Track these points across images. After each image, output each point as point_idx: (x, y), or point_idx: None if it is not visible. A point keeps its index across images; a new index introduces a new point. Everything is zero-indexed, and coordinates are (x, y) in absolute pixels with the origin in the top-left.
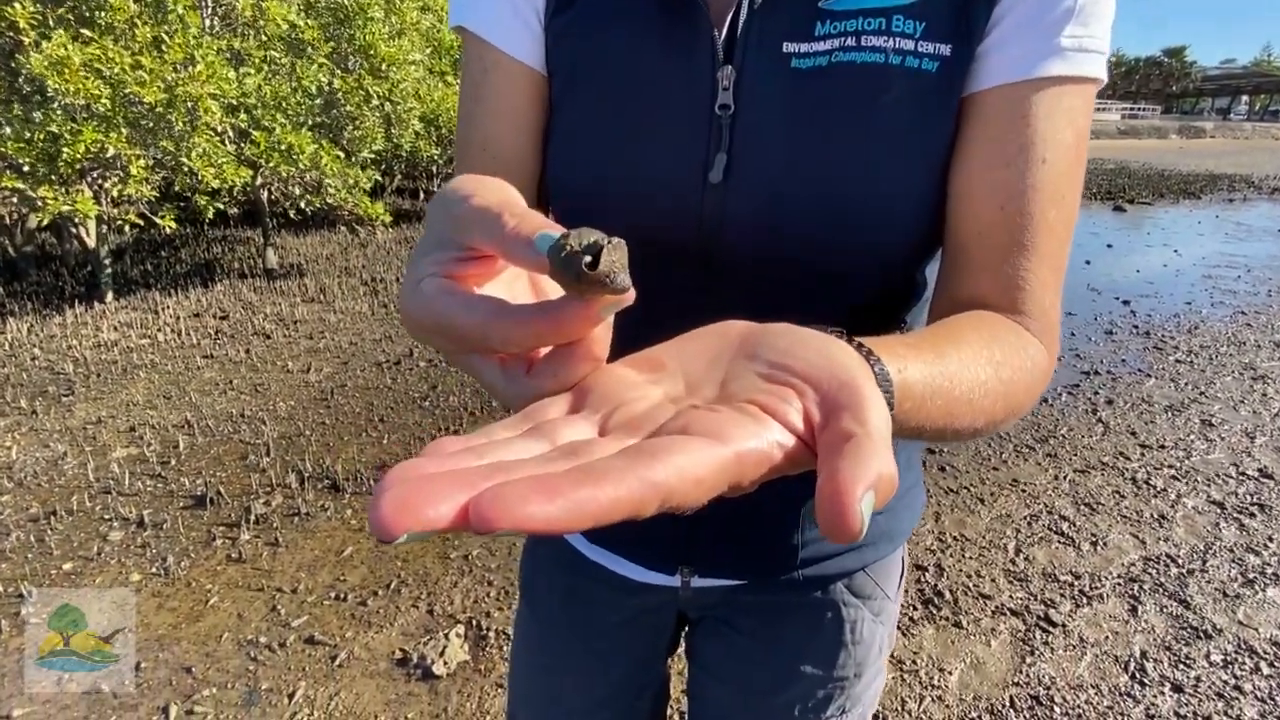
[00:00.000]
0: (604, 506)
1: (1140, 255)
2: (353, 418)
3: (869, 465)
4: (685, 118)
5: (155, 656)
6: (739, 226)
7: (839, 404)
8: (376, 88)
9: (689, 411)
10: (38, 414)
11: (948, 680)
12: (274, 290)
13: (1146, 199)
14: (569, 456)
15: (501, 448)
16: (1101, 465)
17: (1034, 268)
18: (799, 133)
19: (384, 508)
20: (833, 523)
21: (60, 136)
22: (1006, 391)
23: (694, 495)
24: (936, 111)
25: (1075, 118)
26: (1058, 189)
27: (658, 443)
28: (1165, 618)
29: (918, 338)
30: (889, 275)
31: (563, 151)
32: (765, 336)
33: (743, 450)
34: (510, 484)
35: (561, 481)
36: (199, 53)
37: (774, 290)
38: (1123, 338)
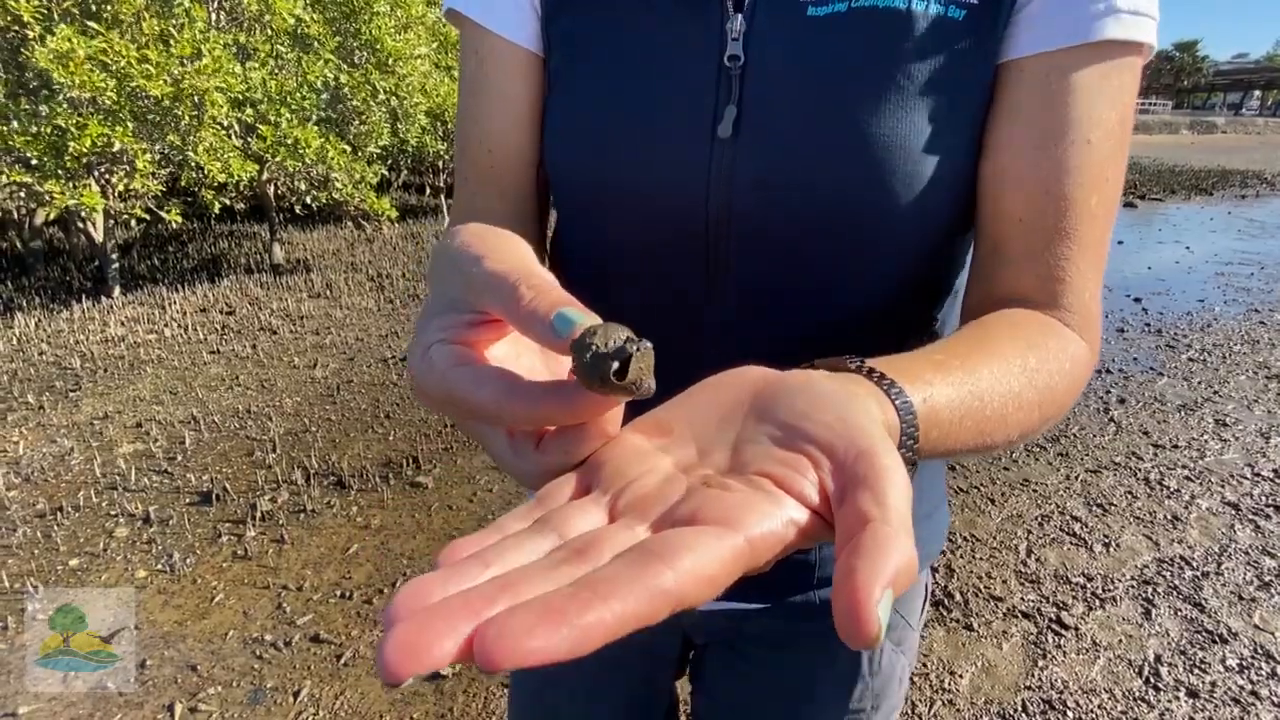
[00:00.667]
0: (611, 626)
1: (1151, 252)
2: (358, 414)
3: (887, 561)
4: (692, 70)
5: (161, 654)
6: (749, 187)
7: (856, 478)
8: (383, 82)
9: (700, 492)
10: (45, 409)
11: (958, 684)
12: (280, 286)
13: (1158, 195)
14: (576, 559)
15: (511, 550)
16: (1114, 465)
17: (1075, 257)
18: (814, 83)
19: (389, 653)
20: (848, 628)
21: (66, 130)
22: (1042, 400)
23: (706, 594)
24: (965, 65)
25: (1122, 96)
26: (1102, 171)
27: (667, 541)
28: (1180, 621)
29: (945, 352)
30: (916, 248)
31: (561, 119)
32: (780, 394)
33: (755, 535)
34: (515, 614)
35: (568, 606)
36: (205, 46)
37: (787, 277)
38: (1134, 335)
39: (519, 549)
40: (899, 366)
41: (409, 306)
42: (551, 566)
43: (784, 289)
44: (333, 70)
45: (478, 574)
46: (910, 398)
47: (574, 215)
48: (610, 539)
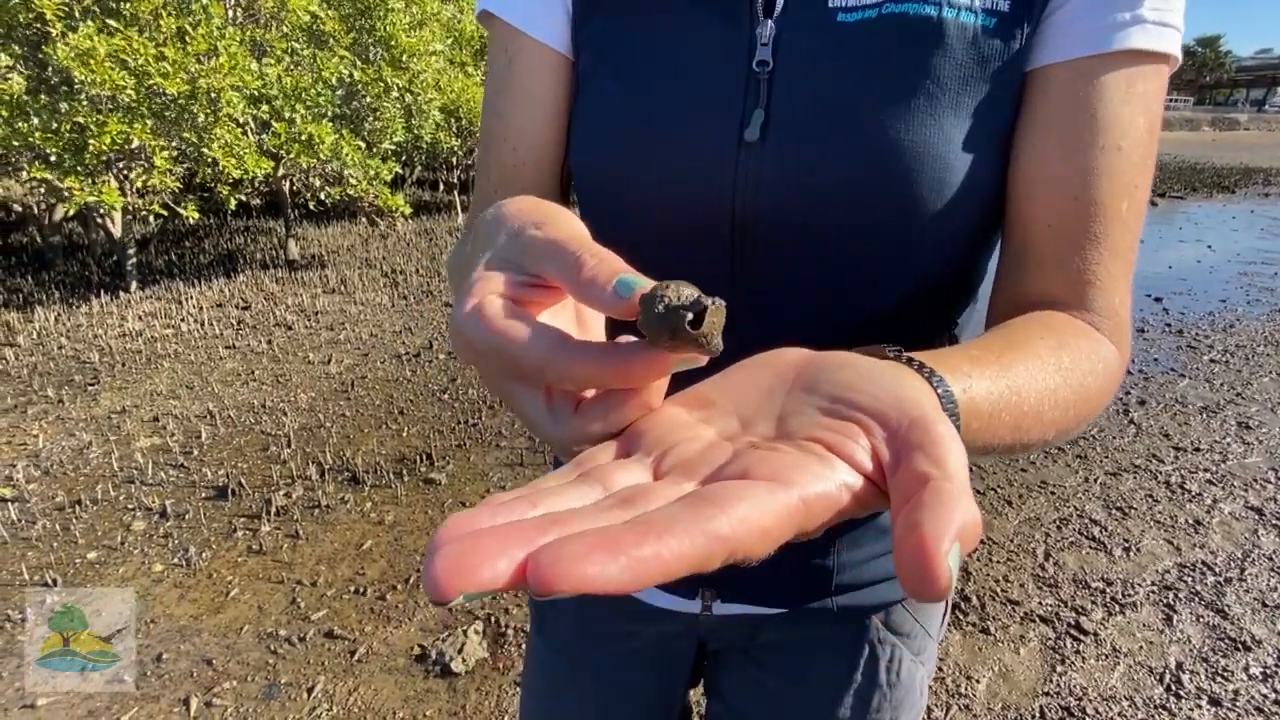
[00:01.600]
0: (668, 563)
1: (1172, 250)
2: (372, 410)
3: (952, 513)
4: (721, 75)
5: (177, 648)
6: (777, 190)
7: (910, 443)
8: (397, 79)
9: (749, 452)
10: (64, 403)
11: (975, 689)
12: (295, 281)
13: (1178, 192)
14: (625, 505)
15: (554, 496)
16: (1134, 468)
17: (1105, 262)
18: (843, 89)
19: (437, 568)
20: (917, 579)
21: (86, 127)
22: (1077, 399)
23: (761, 546)
24: (993, 72)
25: (1149, 103)
26: (1131, 179)
27: (719, 490)
28: (1202, 628)
29: (980, 348)
30: (939, 253)
31: (587, 120)
32: (823, 368)
33: (809, 494)
34: (570, 540)
35: (624, 536)
36: (221, 44)
37: (811, 277)
38: (1154, 336)
39: (564, 495)
40: (938, 359)
41: (423, 302)
42: (601, 510)
43: (808, 288)
44: (347, 67)
45: (525, 511)
46: (951, 387)
47: (597, 214)
48: (658, 491)
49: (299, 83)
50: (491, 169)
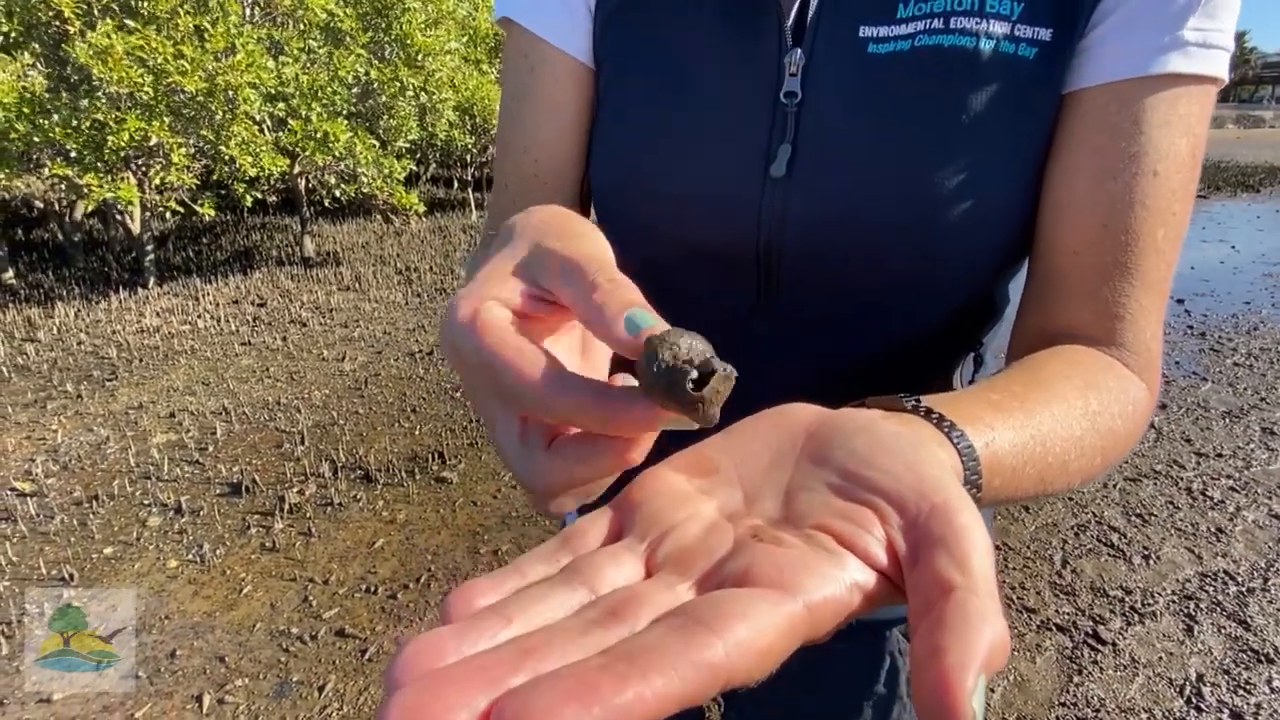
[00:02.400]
0: (651, 706)
1: (1195, 251)
2: (385, 408)
3: (979, 637)
4: (747, 105)
5: (190, 644)
6: (802, 227)
7: (931, 536)
8: (412, 78)
9: (750, 546)
10: (83, 398)
11: (990, 698)
12: (310, 278)
13: (1202, 191)
14: (610, 620)
15: (535, 602)
16: (1154, 474)
17: (1137, 294)
18: (873, 124)
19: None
20: (935, 716)
21: (105, 125)
22: (1104, 445)
23: (759, 668)
24: (1032, 104)
25: (1192, 125)
26: (1169, 205)
27: (715, 606)
28: (1223, 639)
29: (1002, 391)
30: (968, 290)
31: (608, 141)
32: (836, 433)
33: (816, 601)
34: (541, 688)
35: (602, 681)
36: (239, 42)
37: (837, 304)
38: (1176, 338)
39: (543, 602)
40: (957, 407)
41: (436, 300)
42: (582, 629)
43: (833, 317)
44: (363, 65)
45: (496, 630)
46: (973, 442)
47: (616, 231)
48: (649, 599)
49: (315, 81)
50: (510, 179)
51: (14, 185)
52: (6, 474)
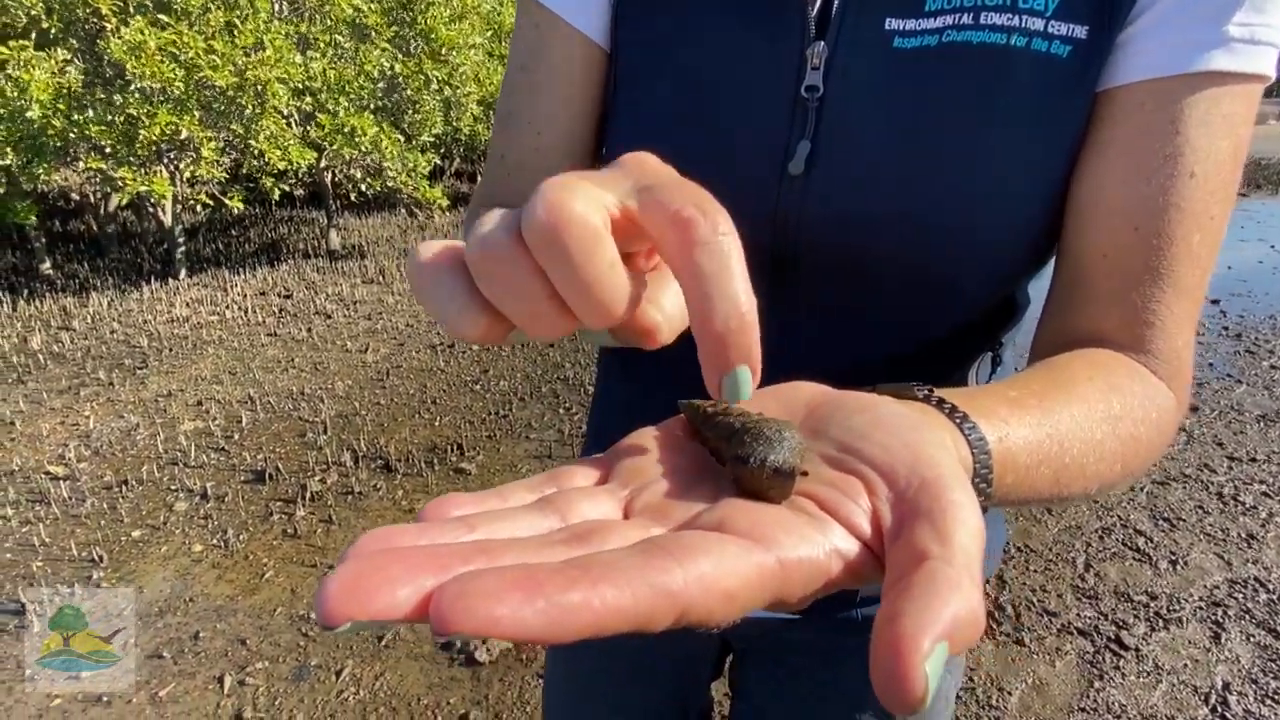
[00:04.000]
0: (600, 614)
1: (1232, 251)
2: (406, 399)
3: (944, 605)
4: (766, 99)
5: (213, 626)
6: (819, 227)
7: (917, 509)
8: (436, 72)
9: (730, 502)
10: (114, 385)
11: (1007, 701)
12: (336, 271)
13: (1241, 189)
14: (575, 542)
15: (504, 520)
16: (1183, 477)
17: (1168, 300)
18: (896, 122)
19: (331, 587)
20: (886, 685)
21: (138, 119)
22: (1125, 452)
23: (721, 611)
24: (1065, 104)
25: (1235, 125)
26: (1206, 208)
27: (683, 539)
28: (1252, 647)
29: (1021, 389)
30: (989, 291)
31: (622, 133)
32: (838, 410)
33: (790, 559)
34: (486, 574)
35: (550, 578)
36: (268, 37)
37: (851, 304)
38: (1210, 339)
39: (511, 521)
40: (971, 401)
41: None
42: (544, 544)
43: (848, 318)
44: (389, 60)
45: (459, 535)
46: (985, 434)
47: None
48: (618, 531)
49: (342, 75)
50: (509, 150)
51: (51, 179)
52: (41, 458)
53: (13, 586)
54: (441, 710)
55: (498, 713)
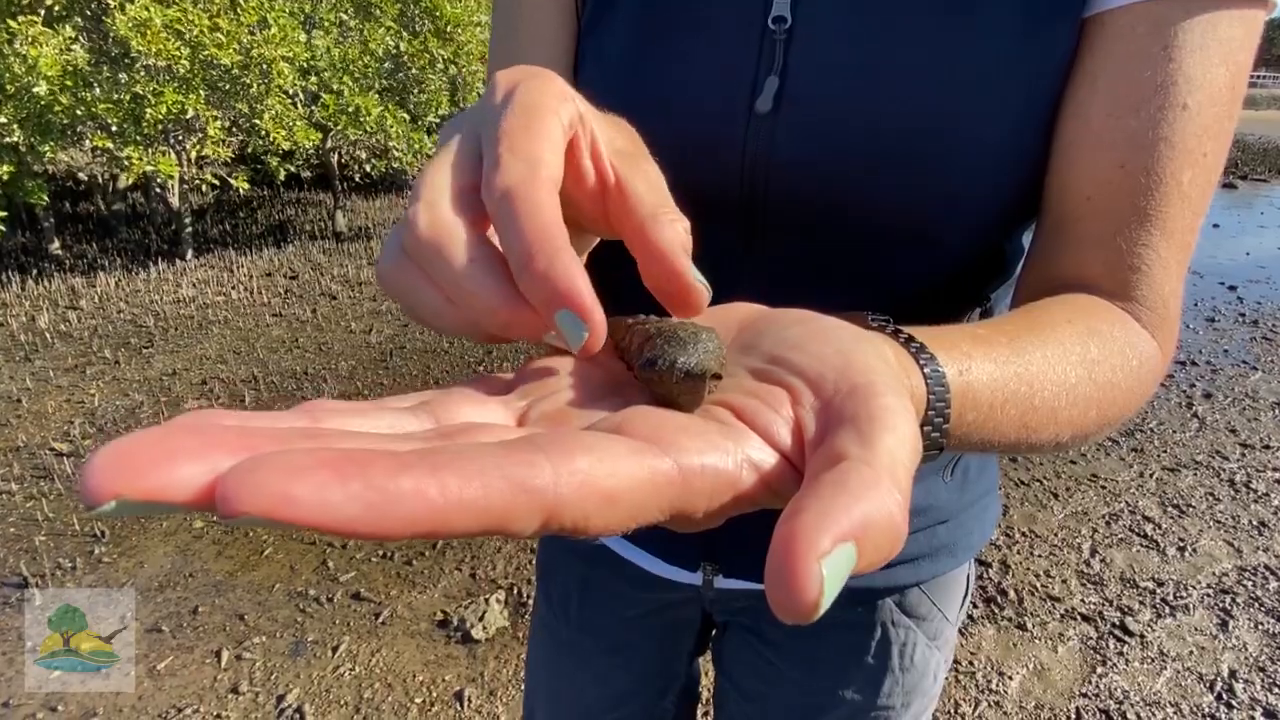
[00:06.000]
0: (435, 507)
1: (1252, 237)
2: (410, 380)
3: (854, 502)
4: (730, 33)
5: (212, 601)
6: (789, 168)
7: (842, 414)
8: (441, 50)
9: (637, 408)
10: (120, 364)
11: (1007, 685)
12: (341, 252)
13: (1262, 175)
14: (434, 437)
15: (362, 415)
16: (1194, 464)
17: (1156, 244)
18: (868, 54)
19: (98, 459)
20: (774, 585)
21: (144, 97)
22: (1101, 398)
23: (600, 515)
24: (1049, 31)
25: (1234, 51)
26: (1199, 144)
27: (561, 435)
28: (1260, 635)
29: (991, 327)
30: (972, 240)
31: (588, 73)
32: (772, 325)
33: (692, 465)
34: (289, 452)
35: (375, 460)
36: (272, 15)
37: (827, 255)
38: (1226, 326)
39: (372, 417)
40: (934, 334)
41: None
42: (394, 440)
43: (824, 266)
44: (394, 38)
45: (293, 424)
46: (943, 368)
47: None
48: (495, 432)
49: (347, 54)
50: None
51: (59, 159)
52: (46, 435)
53: (15, 560)
54: (437, 686)
55: (493, 689)
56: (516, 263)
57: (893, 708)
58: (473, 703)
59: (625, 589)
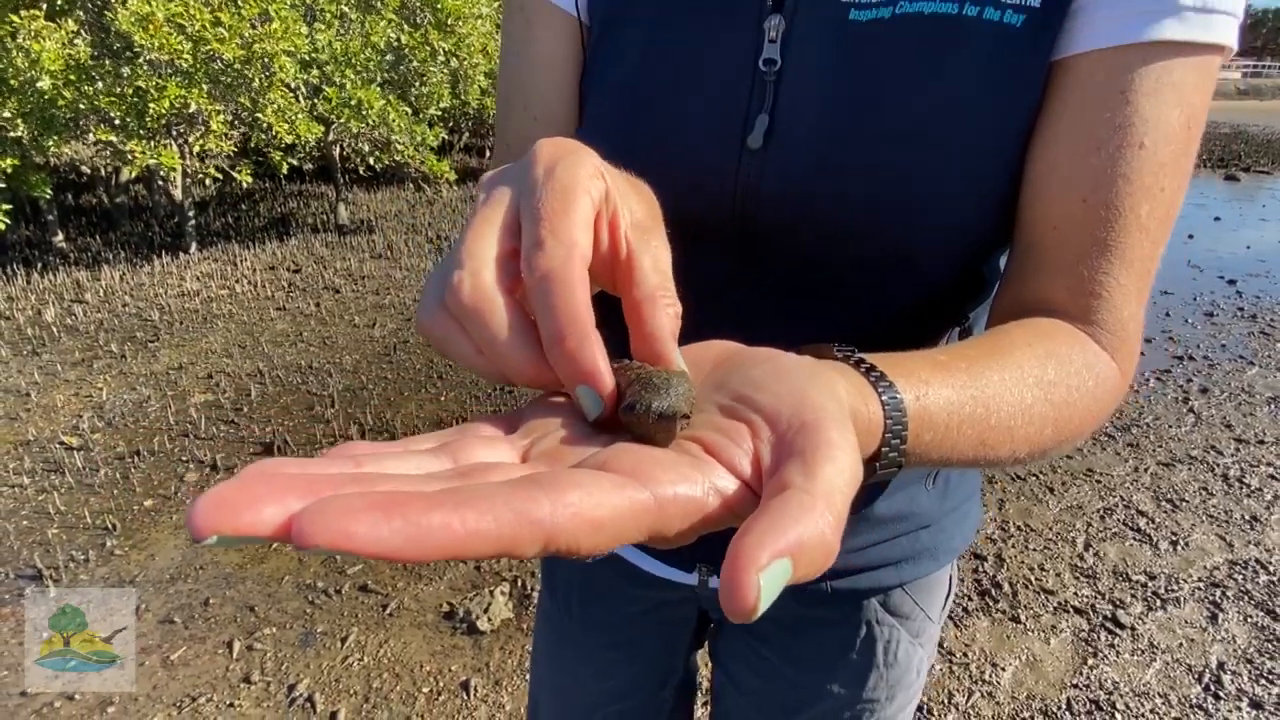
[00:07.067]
0: (459, 536)
1: (1253, 230)
2: (413, 374)
3: (792, 525)
4: (724, 73)
5: (223, 594)
6: (778, 199)
7: (792, 448)
8: (443, 43)
9: (620, 445)
10: (126, 358)
11: (1000, 676)
12: (344, 245)
13: (1264, 167)
14: (455, 478)
15: (395, 460)
16: (1189, 459)
17: (1116, 272)
18: (852, 94)
19: (203, 502)
20: (722, 591)
21: (147, 91)
22: (1057, 417)
23: (591, 540)
24: (1019, 74)
25: (1187, 94)
26: (1155, 180)
27: (557, 475)
28: (1249, 628)
29: (953, 354)
30: (951, 264)
31: (589, 108)
32: (739, 364)
33: (665, 495)
34: (346, 496)
35: (411, 502)
36: (273, 8)
37: (814, 278)
38: (1224, 320)
39: (402, 460)
40: (895, 363)
41: None
42: (424, 480)
43: (810, 289)
44: (395, 30)
45: (341, 468)
46: (901, 394)
47: None
48: (503, 470)
49: (349, 47)
50: (509, 133)
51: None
52: (56, 428)
53: (29, 553)
54: (443, 677)
55: (498, 680)
56: (548, 338)
57: (877, 700)
58: (478, 692)
59: (626, 587)
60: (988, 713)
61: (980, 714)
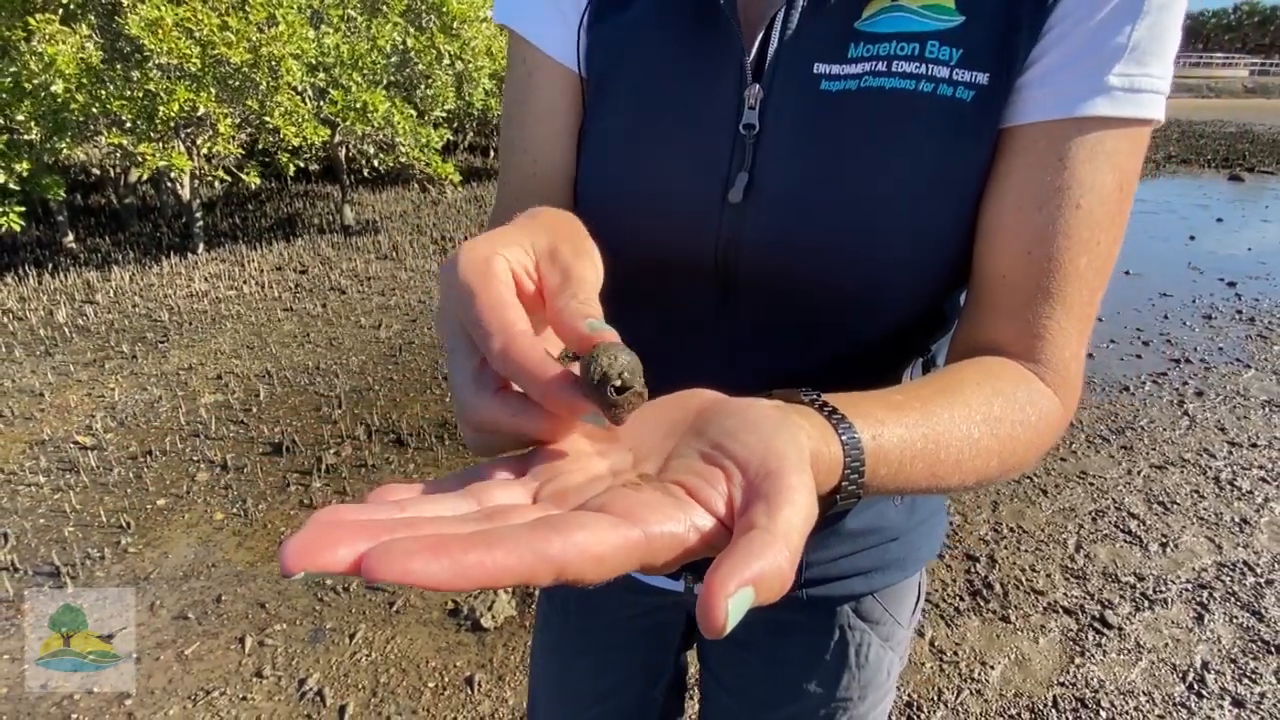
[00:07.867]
0: (490, 572)
1: (1255, 231)
2: (418, 375)
3: (755, 560)
4: (709, 135)
5: (235, 591)
6: (757, 248)
7: (760, 492)
8: (448, 46)
9: (614, 490)
10: (137, 359)
11: (989, 674)
12: (350, 246)
13: (1269, 167)
14: (484, 520)
15: (431, 503)
16: (1182, 462)
17: (1058, 316)
18: (822, 156)
19: (291, 545)
20: (699, 615)
21: (156, 95)
22: (1002, 449)
23: (594, 571)
24: (968, 142)
25: (1120, 160)
26: (1092, 235)
27: (566, 517)
28: (1234, 629)
29: (907, 393)
30: (914, 305)
31: (586, 159)
32: (718, 413)
33: (654, 532)
34: (406, 540)
35: (454, 543)
36: (280, 13)
37: (790, 315)
38: (1222, 323)
39: (436, 503)
40: (854, 405)
41: None
42: (459, 522)
43: (788, 325)
44: (400, 33)
45: (391, 513)
46: (859, 434)
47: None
48: (520, 512)
49: (355, 50)
50: (512, 177)
51: (74, 153)
52: (69, 428)
53: (47, 551)
54: (448, 672)
55: (501, 675)
56: (538, 396)
57: (850, 699)
58: (482, 687)
59: (618, 593)
60: (975, 710)
61: (968, 711)
